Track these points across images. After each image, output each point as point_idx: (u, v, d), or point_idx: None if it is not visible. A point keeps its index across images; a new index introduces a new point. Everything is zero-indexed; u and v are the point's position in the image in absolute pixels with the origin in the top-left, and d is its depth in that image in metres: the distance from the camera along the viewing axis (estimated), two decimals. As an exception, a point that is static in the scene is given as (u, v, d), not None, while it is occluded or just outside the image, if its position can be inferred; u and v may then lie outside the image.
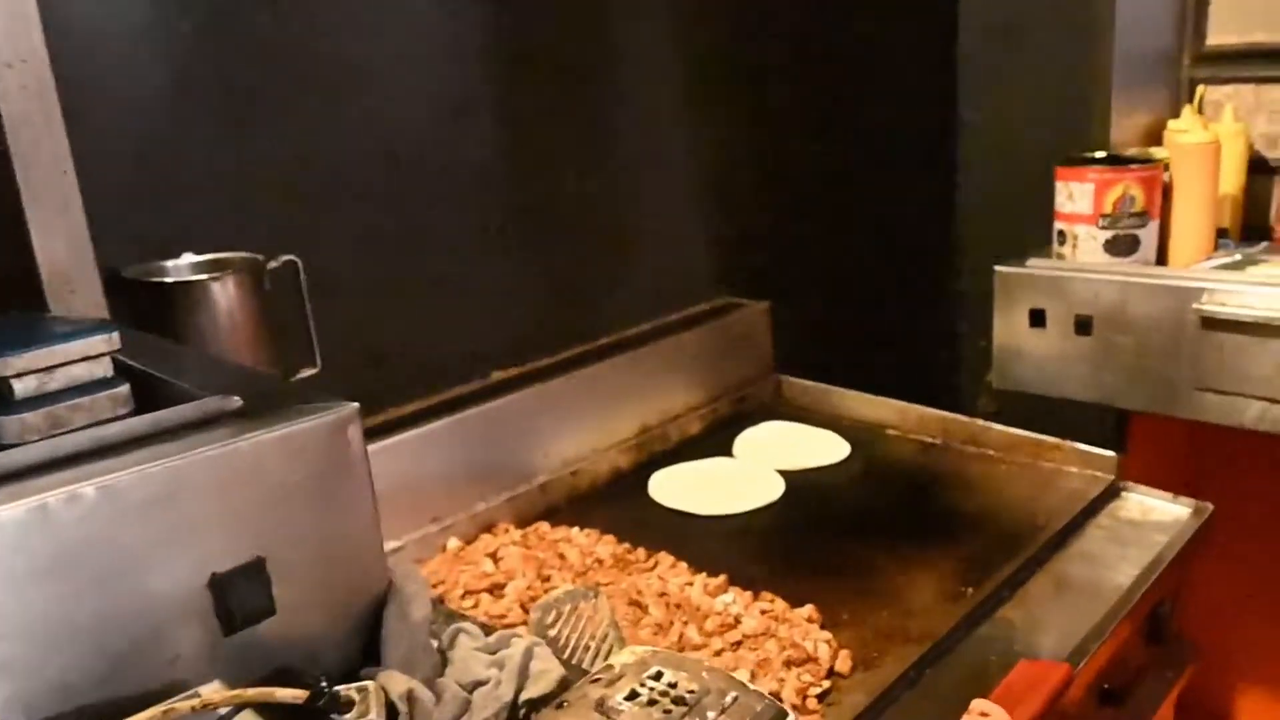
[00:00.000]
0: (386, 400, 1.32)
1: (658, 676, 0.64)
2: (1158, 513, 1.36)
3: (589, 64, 1.55)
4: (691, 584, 1.19)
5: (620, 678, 0.63)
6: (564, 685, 0.67)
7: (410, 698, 0.61)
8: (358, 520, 0.63)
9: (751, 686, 0.62)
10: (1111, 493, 1.40)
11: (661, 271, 1.71)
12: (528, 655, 0.68)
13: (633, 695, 0.62)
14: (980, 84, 2.06)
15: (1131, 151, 1.78)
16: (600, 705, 0.61)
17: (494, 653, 0.69)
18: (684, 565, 1.23)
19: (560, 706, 0.62)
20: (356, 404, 0.65)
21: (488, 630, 0.74)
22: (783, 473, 1.50)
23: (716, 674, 0.63)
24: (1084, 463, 1.45)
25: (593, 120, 1.56)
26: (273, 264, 1.11)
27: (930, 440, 1.61)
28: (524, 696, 0.66)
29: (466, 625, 0.70)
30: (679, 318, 1.72)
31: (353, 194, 1.26)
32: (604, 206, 1.59)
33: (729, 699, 0.61)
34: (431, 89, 1.34)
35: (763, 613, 1.13)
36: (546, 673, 0.67)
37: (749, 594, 1.16)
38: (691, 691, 0.62)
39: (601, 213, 1.59)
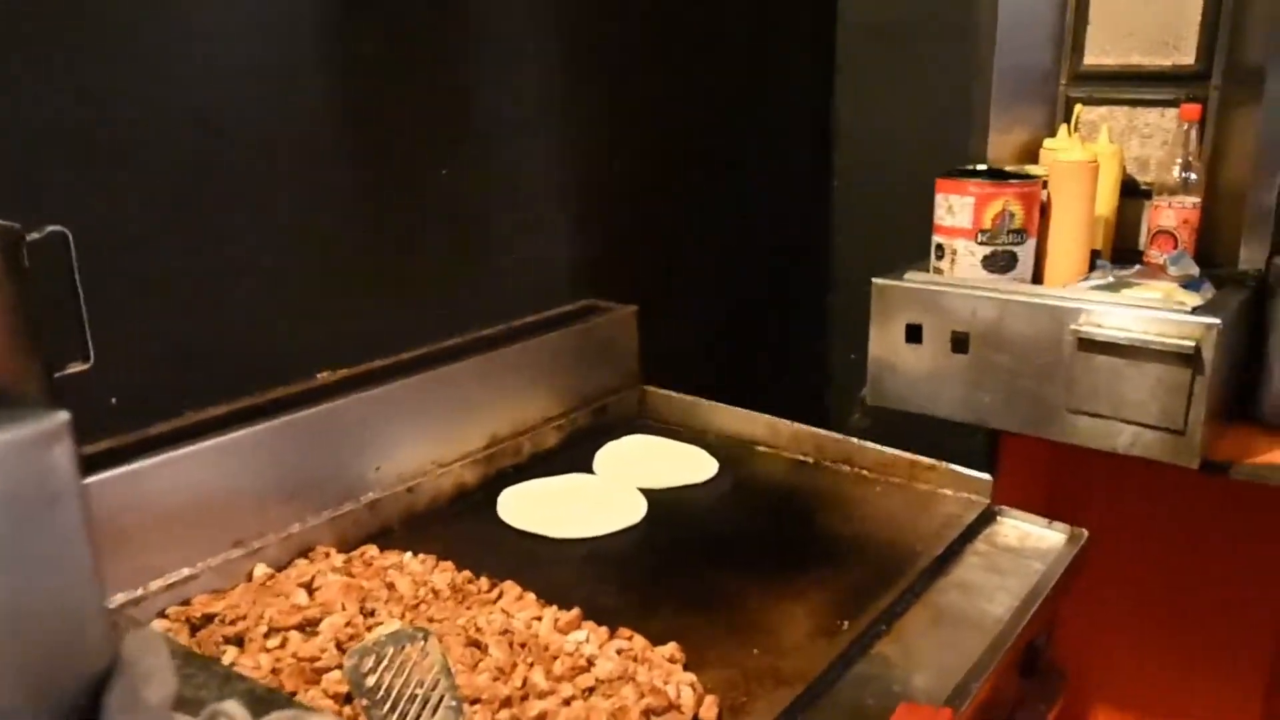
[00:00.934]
0: (186, 402, 1.14)
1: None
2: (1033, 539, 1.30)
3: (445, 36, 1.39)
4: (540, 619, 1.05)
5: None
6: None
7: None
8: (66, 572, 0.46)
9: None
10: (987, 517, 1.34)
11: (518, 268, 1.56)
12: None
13: None
14: (859, 89, 2.00)
15: (1009, 168, 1.74)
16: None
17: None
18: (532, 597, 1.09)
19: None
20: (66, 414, 0.47)
21: (264, 706, 0.57)
22: (646, 492, 1.38)
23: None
24: (959, 485, 1.39)
25: (448, 98, 1.41)
26: (35, 235, 0.91)
27: (803, 458, 1.52)
28: None
29: (228, 706, 0.52)
30: (536, 319, 1.58)
31: (150, 158, 1.08)
32: (456, 193, 1.44)
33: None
34: (256, 47, 1.16)
35: (619, 652, 1.00)
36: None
37: (604, 630, 1.03)
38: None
39: (453, 200, 1.44)
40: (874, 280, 1.67)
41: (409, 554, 1.16)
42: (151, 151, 1.08)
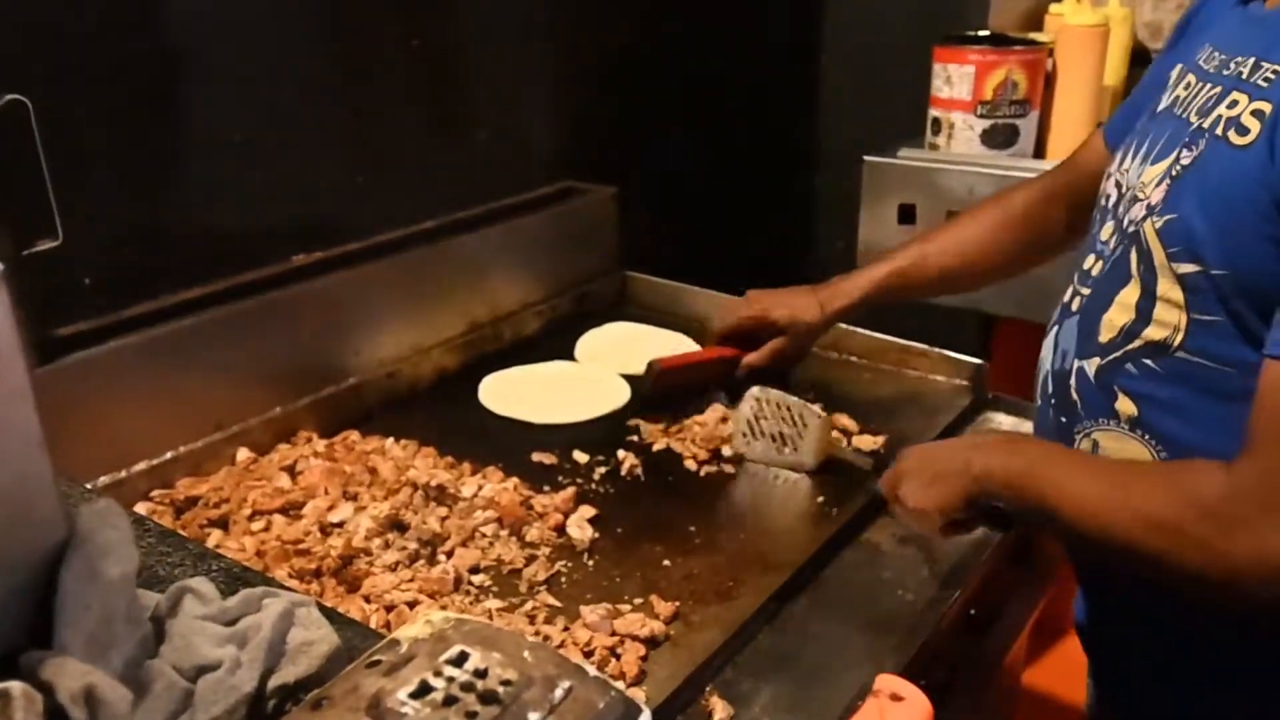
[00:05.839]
0: (161, 284, 1.17)
1: (460, 660, 0.49)
2: (1027, 427, 1.34)
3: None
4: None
5: (407, 661, 0.48)
6: (335, 662, 0.53)
7: (90, 697, 0.45)
8: (10, 437, 0.46)
9: (593, 672, 0.49)
10: (979, 404, 1.40)
11: (494, 148, 1.58)
12: (283, 623, 0.53)
13: (423, 690, 0.47)
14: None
15: (1012, 34, 1.74)
16: (375, 706, 0.46)
17: (233, 622, 0.54)
18: (515, 482, 1.14)
19: (318, 707, 0.47)
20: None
21: (234, 584, 0.59)
22: (628, 378, 1.43)
23: (543, 654, 0.49)
24: (951, 371, 1.44)
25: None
26: (-7, 103, 0.92)
27: (789, 344, 1.55)
28: (275, 682, 0.51)
29: (196, 583, 0.54)
30: (516, 202, 1.61)
31: (113, 23, 1.09)
32: (434, 68, 1.45)
33: (559, 692, 0.47)
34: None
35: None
36: (309, 647, 0.52)
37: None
38: (507, 683, 0.47)
39: (431, 74, 1.45)
40: (865, 159, 1.69)
41: (390, 439, 1.21)
42: (115, 15, 1.08)
